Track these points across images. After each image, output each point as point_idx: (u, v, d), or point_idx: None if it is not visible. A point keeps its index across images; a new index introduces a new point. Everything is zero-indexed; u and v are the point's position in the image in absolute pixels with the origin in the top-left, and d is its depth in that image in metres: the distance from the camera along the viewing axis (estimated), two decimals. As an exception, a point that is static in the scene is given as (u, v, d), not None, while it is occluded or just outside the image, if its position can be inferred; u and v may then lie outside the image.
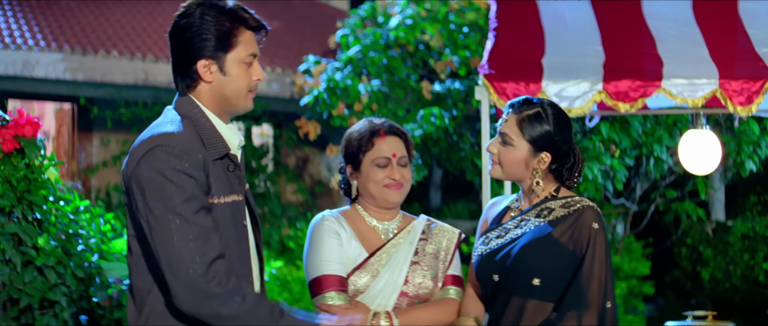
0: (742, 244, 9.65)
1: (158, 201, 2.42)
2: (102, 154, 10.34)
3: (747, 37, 4.81)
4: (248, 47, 2.61)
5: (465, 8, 8.63)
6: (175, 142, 2.47)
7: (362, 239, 3.05)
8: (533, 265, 2.87)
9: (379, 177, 3.02)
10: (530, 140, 2.94)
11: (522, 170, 2.97)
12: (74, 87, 9.73)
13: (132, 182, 2.49)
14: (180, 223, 2.41)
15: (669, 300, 10.26)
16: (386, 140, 3.05)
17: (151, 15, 11.20)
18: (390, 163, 3.03)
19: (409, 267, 3.02)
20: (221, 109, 2.63)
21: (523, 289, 2.89)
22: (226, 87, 2.60)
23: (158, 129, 2.54)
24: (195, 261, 2.40)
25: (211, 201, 2.52)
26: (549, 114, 2.95)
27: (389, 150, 3.04)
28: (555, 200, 2.97)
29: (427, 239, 3.09)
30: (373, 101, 8.33)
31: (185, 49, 2.58)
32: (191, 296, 2.41)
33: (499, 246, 2.98)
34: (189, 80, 2.61)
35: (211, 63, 2.58)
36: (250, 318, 2.46)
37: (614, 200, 8.44)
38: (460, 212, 13.00)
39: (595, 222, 2.87)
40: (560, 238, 2.88)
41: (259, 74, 2.65)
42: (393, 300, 2.99)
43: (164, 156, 2.45)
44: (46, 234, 4.10)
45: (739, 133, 7.34)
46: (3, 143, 4.02)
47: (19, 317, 4.06)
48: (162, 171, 2.43)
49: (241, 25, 2.59)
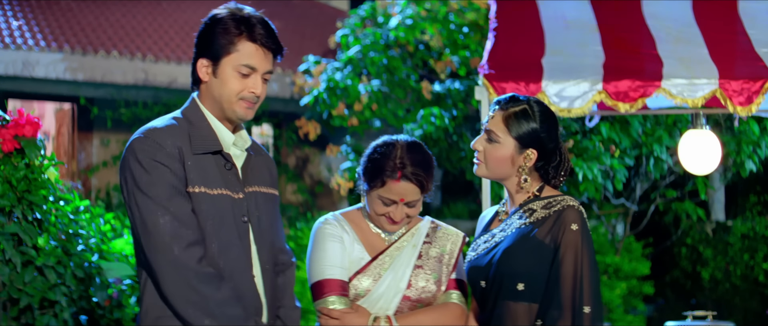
0: (742, 244, 9.65)
1: (135, 187, 2.61)
2: (102, 153, 10.34)
3: (747, 37, 4.81)
4: (246, 57, 2.71)
5: (465, 8, 8.63)
6: (152, 134, 2.67)
7: (365, 242, 3.02)
8: (516, 269, 2.82)
9: (380, 210, 2.96)
10: (516, 137, 2.90)
11: (507, 168, 2.94)
12: (74, 87, 9.73)
13: (120, 175, 2.70)
14: (154, 208, 2.58)
15: (669, 300, 10.25)
16: (399, 185, 2.89)
17: (151, 15, 11.20)
18: (395, 204, 2.94)
19: (412, 270, 2.99)
20: (216, 112, 2.77)
21: (509, 294, 2.84)
22: (216, 89, 2.74)
23: (147, 125, 2.74)
24: (171, 243, 2.55)
25: (189, 190, 2.65)
26: (535, 111, 2.93)
27: (398, 195, 2.91)
28: (538, 200, 2.92)
29: (431, 242, 3.06)
30: (373, 101, 8.33)
31: (195, 49, 2.76)
32: (170, 275, 2.56)
33: (485, 252, 2.95)
34: (193, 78, 2.79)
35: (208, 63, 2.74)
36: (223, 309, 2.58)
37: (614, 200, 8.44)
38: (460, 212, 12.99)
39: (574, 223, 2.79)
40: (543, 240, 2.81)
41: (256, 88, 2.74)
42: (395, 304, 2.96)
43: (139, 146, 2.64)
44: (46, 234, 4.10)
45: (739, 133, 7.34)
46: (3, 143, 4.02)
47: (19, 317, 4.06)
48: (139, 160, 2.62)
49: (245, 35, 2.71)
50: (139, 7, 11.25)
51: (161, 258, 2.56)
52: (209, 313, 2.57)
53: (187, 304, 2.56)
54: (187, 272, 2.56)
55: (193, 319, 2.57)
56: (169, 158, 2.63)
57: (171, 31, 10.99)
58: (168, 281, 2.57)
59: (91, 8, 10.78)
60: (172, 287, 2.57)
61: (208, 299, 2.57)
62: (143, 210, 2.58)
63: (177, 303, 2.57)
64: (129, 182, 2.63)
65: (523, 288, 2.82)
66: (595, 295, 2.77)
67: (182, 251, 2.56)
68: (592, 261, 2.80)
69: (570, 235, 2.78)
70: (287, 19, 11.87)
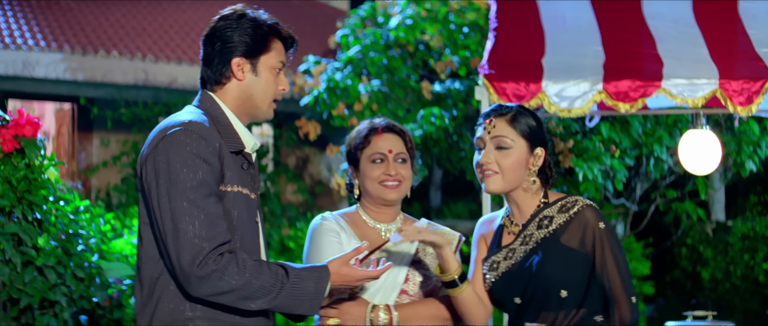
0: (742, 244, 9.65)
1: (170, 183, 2.48)
2: (102, 154, 10.34)
3: (747, 37, 4.81)
4: (279, 55, 2.74)
5: (465, 8, 8.63)
6: (193, 127, 2.54)
7: (363, 238, 3.05)
8: (557, 278, 2.85)
9: (375, 174, 3.03)
10: (525, 136, 2.92)
11: (522, 173, 2.93)
12: (74, 87, 9.73)
13: (148, 165, 2.55)
14: (188, 207, 2.46)
15: (669, 300, 10.25)
16: (383, 137, 3.06)
17: (151, 15, 11.20)
18: (386, 159, 3.04)
19: (409, 265, 3.03)
20: (243, 110, 2.72)
21: (553, 304, 2.87)
22: (255, 87, 2.70)
23: (177, 118, 2.62)
24: (201, 245, 2.44)
25: (223, 189, 2.57)
26: (528, 110, 2.98)
27: (385, 146, 3.05)
28: (550, 206, 2.93)
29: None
30: (373, 101, 8.32)
31: (221, 47, 2.69)
32: (195, 278, 2.45)
33: (513, 268, 2.94)
34: (220, 77, 2.69)
35: (244, 62, 2.69)
36: (253, 285, 2.49)
37: (614, 200, 8.44)
38: (460, 212, 13.00)
39: (599, 222, 2.86)
40: (569, 244, 2.86)
41: (285, 85, 2.76)
42: (393, 298, 3.00)
43: (182, 139, 2.52)
44: (46, 234, 4.11)
45: (739, 133, 7.33)
46: (3, 143, 4.02)
47: (19, 317, 4.06)
48: (178, 154, 2.50)
49: (276, 34, 2.73)
50: (139, 7, 11.26)
51: (186, 260, 2.44)
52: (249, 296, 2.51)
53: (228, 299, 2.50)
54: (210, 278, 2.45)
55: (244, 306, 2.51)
56: (212, 155, 2.53)
57: (171, 31, 10.99)
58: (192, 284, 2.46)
59: (91, 8, 10.78)
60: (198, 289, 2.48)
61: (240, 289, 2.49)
62: (176, 209, 2.45)
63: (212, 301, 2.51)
64: (161, 175, 2.49)
65: (566, 295, 2.85)
66: (632, 285, 2.88)
67: (209, 254, 2.45)
68: (624, 253, 2.89)
69: (601, 235, 2.85)
70: (287, 19, 11.78)
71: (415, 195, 14.58)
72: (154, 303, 2.57)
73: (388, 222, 3.11)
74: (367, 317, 2.92)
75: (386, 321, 2.93)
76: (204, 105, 2.69)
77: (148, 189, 2.53)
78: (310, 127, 8.99)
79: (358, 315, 2.92)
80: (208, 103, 2.69)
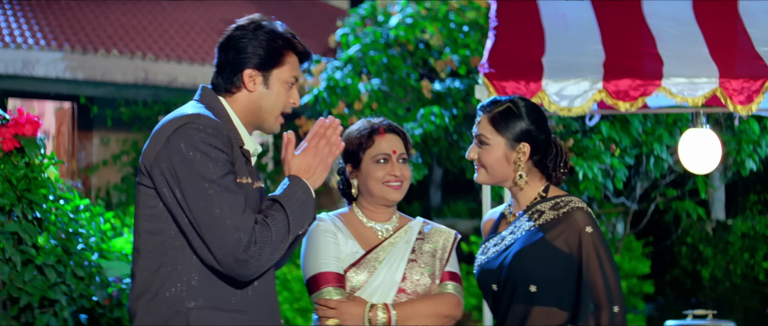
0: (742, 243, 9.64)
1: (195, 174, 2.49)
2: (102, 152, 10.34)
3: (747, 36, 4.81)
4: (293, 69, 2.74)
5: (465, 7, 8.62)
6: (203, 120, 2.56)
7: (359, 237, 3.07)
8: (527, 272, 2.85)
9: (379, 175, 3.05)
10: (505, 134, 2.93)
11: (505, 167, 2.95)
12: (74, 86, 9.74)
13: (159, 160, 2.54)
14: (220, 192, 2.48)
15: (669, 299, 10.25)
16: (386, 138, 3.08)
17: (151, 14, 11.21)
18: (390, 160, 3.06)
19: (406, 264, 3.04)
20: (250, 120, 2.73)
21: (521, 297, 2.87)
22: (264, 100, 2.71)
23: (183, 111, 2.62)
24: (239, 228, 2.47)
25: (238, 181, 2.59)
26: (520, 106, 2.97)
27: (389, 147, 3.07)
28: (545, 201, 2.94)
29: (423, 238, 3.12)
30: (373, 100, 8.32)
31: (234, 57, 2.69)
32: (241, 263, 2.47)
33: (496, 255, 2.98)
34: (231, 86, 2.70)
35: (257, 74, 2.69)
36: (279, 232, 2.54)
37: (614, 199, 8.44)
38: (460, 211, 13.00)
39: (587, 226, 2.84)
40: (553, 242, 2.85)
41: (297, 99, 2.76)
42: (391, 297, 3.01)
43: (195, 132, 2.53)
44: (46, 233, 4.11)
45: (739, 132, 7.34)
46: (3, 142, 4.02)
47: (19, 316, 4.06)
48: (195, 145, 2.51)
49: (291, 48, 2.73)
50: (139, 6, 11.26)
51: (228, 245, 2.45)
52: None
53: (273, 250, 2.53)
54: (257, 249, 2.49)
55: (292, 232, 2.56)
56: (225, 145, 2.55)
57: (171, 30, 10.99)
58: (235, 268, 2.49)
59: (91, 7, 10.78)
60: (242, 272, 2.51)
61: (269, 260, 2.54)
62: (207, 199, 2.45)
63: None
64: (183, 167, 2.48)
65: (535, 290, 2.84)
66: (621, 294, 2.83)
67: (250, 238, 2.48)
68: (613, 260, 2.86)
69: (587, 239, 2.83)
70: (287, 19, 11.83)
71: (415, 194, 14.55)
72: (152, 294, 2.57)
73: (384, 221, 3.13)
74: (365, 316, 2.93)
75: (385, 320, 2.94)
76: (205, 99, 2.69)
77: (169, 184, 2.52)
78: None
79: (357, 314, 2.93)
80: (213, 102, 2.68)
